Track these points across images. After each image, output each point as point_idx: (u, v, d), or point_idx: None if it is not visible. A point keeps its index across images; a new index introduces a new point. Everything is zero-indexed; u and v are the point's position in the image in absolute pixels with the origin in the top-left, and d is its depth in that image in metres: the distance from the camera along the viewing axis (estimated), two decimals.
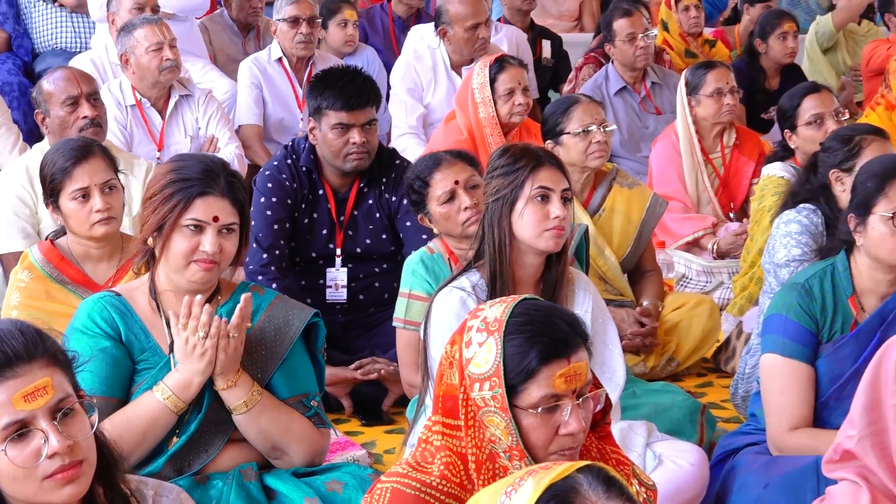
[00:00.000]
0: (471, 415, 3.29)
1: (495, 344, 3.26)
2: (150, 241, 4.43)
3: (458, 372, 3.30)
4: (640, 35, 9.23)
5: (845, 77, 11.28)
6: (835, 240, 4.98)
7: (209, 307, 4.31)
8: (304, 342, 4.61)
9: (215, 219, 4.36)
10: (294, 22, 8.97)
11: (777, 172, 7.00)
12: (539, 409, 3.24)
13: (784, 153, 7.14)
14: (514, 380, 3.24)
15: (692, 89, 8.03)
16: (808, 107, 7.04)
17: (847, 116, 7.22)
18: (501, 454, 3.29)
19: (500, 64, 7.52)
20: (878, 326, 4.71)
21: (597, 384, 3.43)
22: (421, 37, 9.22)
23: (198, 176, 4.38)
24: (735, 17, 12.28)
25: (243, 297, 4.36)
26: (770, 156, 7.31)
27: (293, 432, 4.47)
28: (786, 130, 7.12)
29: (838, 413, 4.52)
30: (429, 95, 8.84)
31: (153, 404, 4.34)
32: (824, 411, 4.74)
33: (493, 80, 7.46)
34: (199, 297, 4.31)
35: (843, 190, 5.71)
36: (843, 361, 4.72)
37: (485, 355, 3.26)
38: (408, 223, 6.38)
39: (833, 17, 11.42)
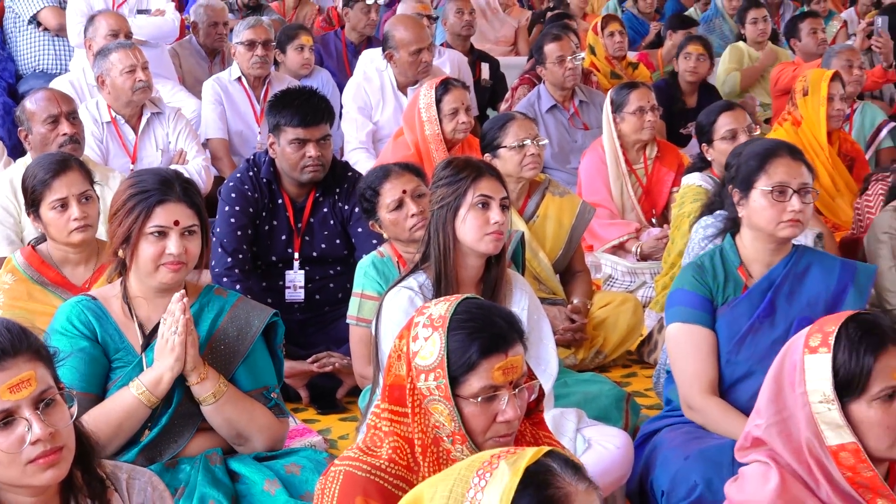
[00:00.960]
0: (417, 403, 3.30)
1: (440, 338, 3.29)
2: (120, 252, 4.42)
3: (406, 364, 3.31)
4: (569, 58, 9.24)
5: (749, 94, 11.32)
6: (726, 218, 5.05)
7: (186, 304, 4.29)
8: (265, 339, 4.60)
9: (176, 223, 4.36)
10: (250, 45, 8.96)
11: (695, 182, 7.04)
12: (479, 399, 3.27)
13: (702, 164, 7.18)
14: (457, 371, 3.26)
15: (617, 107, 8.03)
16: (723, 123, 7.08)
17: (758, 132, 7.28)
18: (445, 438, 3.30)
19: (445, 86, 7.51)
20: (767, 289, 4.83)
21: (531, 376, 3.44)
22: (370, 60, 9.20)
23: (155, 186, 4.38)
24: (658, 42, 12.30)
25: (175, 295, 4.33)
26: (689, 167, 7.34)
27: (256, 421, 4.47)
28: (703, 144, 7.15)
29: (740, 369, 4.67)
30: (378, 113, 8.82)
31: (129, 399, 4.32)
32: (727, 368, 4.79)
33: (438, 101, 7.44)
34: (179, 293, 4.30)
35: None
36: (738, 320, 4.80)
37: (430, 349, 3.28)
38: (360, 229, 6.38)
39: (740, 79, 11.43)
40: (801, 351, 3.49)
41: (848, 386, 3.42)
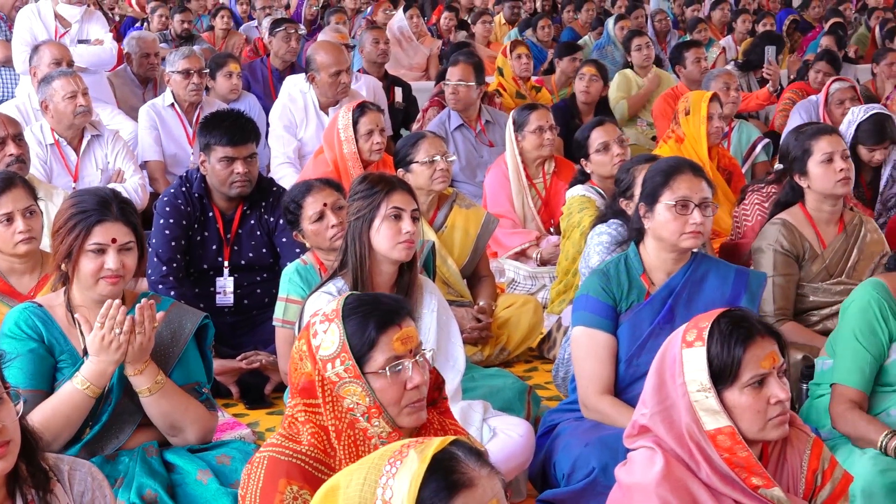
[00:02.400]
0: (327, 392, 3.32)
1: (337, 327, 3.33)
2: (62, 266, 4.41)
3: (311, 360, 3.34)
4: (456, 83, 9.25)
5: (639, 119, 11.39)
6: (630, 229, 5.08)
7: (124, 308, 4.27)
8: (196, 340, 4.60)
9: (114, 240, 4.37)
10: (186, 73, 8.91)
11: (579, 193, 7.09)
12: (387, 370, 3.30)
13: (583, 177, 7.23)
14: (360, 351, 3.31)
15: (518, 126, 8.05)
16: (596, 137, 7.16)
17: (629, 142, 7.34)
18: (360, 418, 3.32)
19: (361, 109, 7.50)
20: (667, 296, 4.85)
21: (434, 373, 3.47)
22: (294, 84, 9.17)
23: (94, 207, 4.39)
24: (552, 69, 12.37)
25: (144, 301, 4.32)
26: (573, 180, 7.38)
27: (189, 413, 4.45)
28: (581, 159, 7.20)
29: (640, 370, 4.61)
30: (301, 131, 8.81)
31: (74, 392, 4.29)
32: (629, 370, 4.81)
33: (355, 122, 7.43)
34: (117, 301, 4.28)
35: (630, 210, 5.82)
36: (640, 325, 4.82)
37: (331, 339, 3.32)
38: (284, 239, 6.37)
39: (627, 106, 11.47)
40: (680, 345, 3.55)
41: (722, 375, 3.48)
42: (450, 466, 2.49)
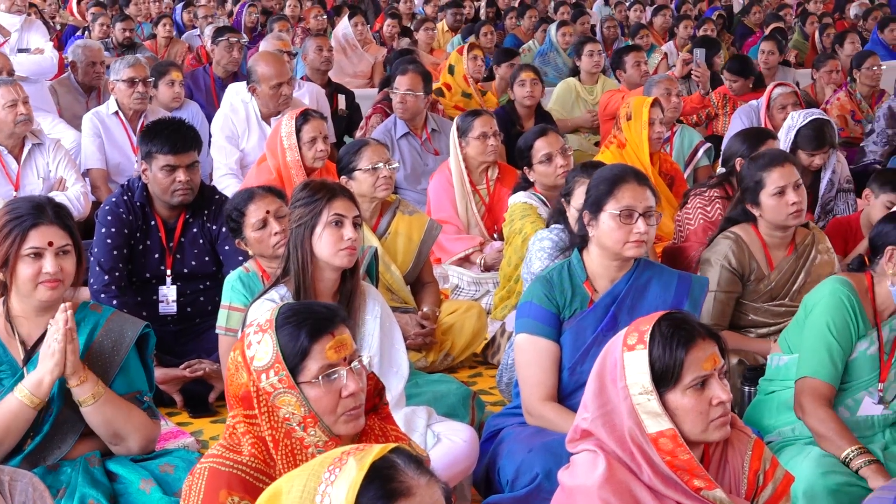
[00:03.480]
0: (263, 402, 3.32)
1: (270, 338, 3.33)
2: (0, 274, 4.37)
3: (246, 370, 3.34)
4: (405, 91, 9.24)
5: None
6: (574, 236, 5.09)
7: (71, 315, 4.24)
8: (138, 349, 4.57)
9: (50, 243, 4.35)
10: (131, 82, 8.84)
11: (522, 200, 7.10)
12: (320, 379, 3.31)
13: (526, 184, 7.23)
14: (293, 361, 3.31)
15: (462, 133, 8.06)
16: (540, 147, 7.15)
17: (572, 152, 7.36)
18: (297, 427, 3.32)
19: (305, 116, 7.47)
20: (610, 303, 4.86)
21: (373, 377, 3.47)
22: (236, 93, 9.15)
23: (28, 211, 4.37)
24: (492, 75, 12.39)
25: (62, 306, 4.27)
26: (515, 187, 7.38)
27: (131, 421, 4.43)
28: (524, 167, 7.21)
29: (584, 377, 4.52)
30: (244, 141, 8.76)
31: (14, 402, 4.28)
32: (573, 377, 4.81)
33: (298, 130, 7.40)
34: (64, 304, 4.25)
35: (570, 214, 5.85)
36: (584, 332, 4.83)
37: (264, 349, 3.32)
38: (227, 247, 6.35)
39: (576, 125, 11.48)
40: (621, 349, 3.55)
41: (664, 377, 3.48)
42: (388, 474, 2.49)
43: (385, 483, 2.47)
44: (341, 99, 10.78)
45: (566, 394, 4.84)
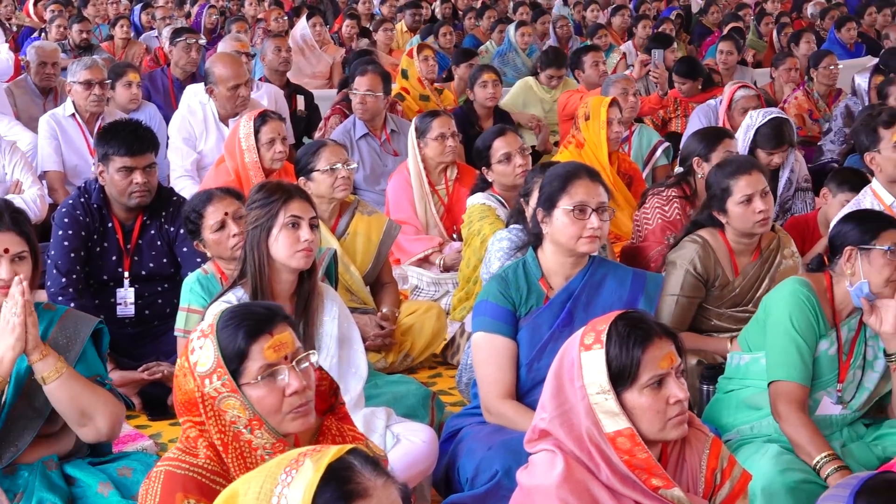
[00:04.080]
0: (209, 407, 3.33)
1: (212, 343, 3.34)
2: None
3: (191, 376, 3.35)
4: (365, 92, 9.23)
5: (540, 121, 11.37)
6: (528, 234, 5.10)
7: (27, 287, 4.19)
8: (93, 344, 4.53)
9: (6, 250, 4.33)
10: (87, 84, 8.79)
11: (480, 201, 7.10)
12: (260, 379, 3.32)
13: (484, 185, 7.24)
14: (234, 364, 3.33)
15: (420, 133, 8.05)
16: (498, 147, 7.16)
17: (530, 151, 7.37)
18: (243, 430, 3.33)
19: (263, 118, 7.47)
20: (566, 300, 4.89)
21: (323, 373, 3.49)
22: (194, 94, 9.12)
23: None
24: (451, 76, 12.40)
25: (15, 280, 4.21)
26: (473, 188, 7.38)
27: (99, 398, 4.34)
28: (483, 167, 7.21)
29: (541, 373, 4.56)
30: (201, 143, 8.74)
31: None
32: (530, 374, 4.83)
33: (256, 131, 7.40)
34: (18, 277, 4.20)
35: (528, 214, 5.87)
36: (540, 329, 4.86)
37: (206, 354, 3.34)
38: (185, 249, 6.33)
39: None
40: (578, 349, 3.56)
41: (621, 377, 3.49)
42: (345, 476, 2.49)
43: (342, 484, 2.48)
44: (300, 100, 10.76)
45: (524, 391, 4.86)
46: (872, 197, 6.30)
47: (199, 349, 3.36)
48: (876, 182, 6.32)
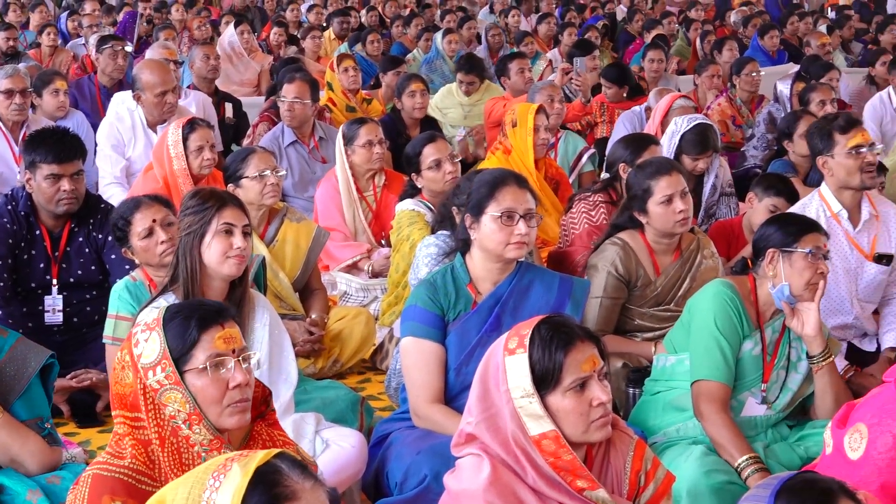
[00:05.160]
0: (149, 400, 3.34)
1: (158, 335, 3.36)
2: None
3: (132, 369, 3.36)
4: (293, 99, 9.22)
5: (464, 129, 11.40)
6: (456, 239, 5.12)
7: None
8: (40, 376, 4.54)
9: None
10: (9, 93, 8.71)
11: (409, 207, 7.10)
12: (207, 367, 3.35)
13: (413, 191, 7.24)
14: (182, 352, 3.36)
15: (348, 141, 8.05)
16: (428, 153, 7.14)
17: (459, 158, 7.39)
18: (182, 425, 3.34)
19: (191, 125, 7.44)
20: (494, 305, 4.91)
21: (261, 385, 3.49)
22: (122, 101, 9.05)
23: None
24: (379, 83, 12.41)
25: None
26: (402, 194, 7.38)
27: (27, 447, 4.40)
28: (412, 173, 7.22)
29: (469, 378, 4.57)
30: (130, 150, 8.69)
31: None
32: (458, 378, 4.85)
33: (185, 139, 7.37)
34: None
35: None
36: (468, 333, 4.88)
37: (151, 346, 3.35)
38: (113, 256, 6.30)
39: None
40: (502, 353, 3.59)
41: (544, 380, 3.52)
42: (273, 479, 2.51)
43: (270, 488, 2.49)
44: (228, 107, 10.74)
45: (453, 395, 4.88)
46: (820, 202, 6.32)
47: (143, 342, 3.37)
48: (825, 187, 6.32)
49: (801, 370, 5.02)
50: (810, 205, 6.33)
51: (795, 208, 6.35)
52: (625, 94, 11.44)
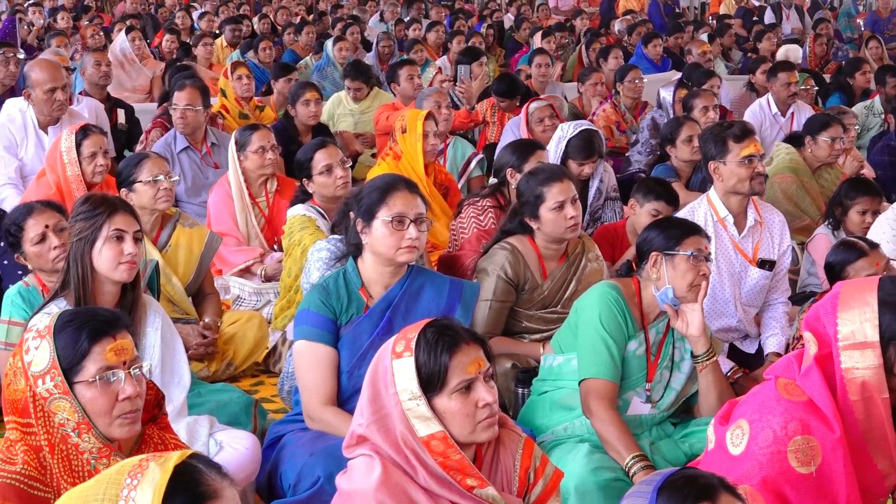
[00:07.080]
0: (39, 408, 3.32)
1: (48, 343, 3.35)
2: None
3: (23, 376, 3.33)
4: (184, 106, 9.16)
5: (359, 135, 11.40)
6: (348, 244, 5.12)
7: None
8: None
9: None
10: None
11: (300, 212, 7.08)
12: (97, 380, 3.32)
13: (304, 196, 7.22)
14: (72, 362, 3.34)
15: (241, 147, 8.01)
16: (319, 159, 7.12)
17: (351, 164, 7.39)
18: (71, 433, 3.33)
19: (84, 131, 7.37)
20: (385, 309, 4.92)
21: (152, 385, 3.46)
22: (14, 104, 8.96)
23: None
24: (271, 90, 12.37)
25: None
26: (293, 199, 7.36)
27: None
28: (304, 179, 7.19)
29: (361, 381, 4.58)
30: (22, 151, 8.61)
31: None
32: (351, 381, 4.84)
33: (78, 145, 7.30)
34: None
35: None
36: (360, 337, 4.88)
37: (42, 355, 3.33)
38: (5, 262, 6.25)
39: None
40: (390, 357, 3.60)
41: (431, 382, 3.54)
42: (194, 479, 2.52)
43: (193, 487, 2.50)
44: (121, 113, 10.65)
45: (345, 398, 4.87)
46: (707, 206, 6.36)
47: (34, 349, 3.35)
48: (713, 192, 6.35)
49: (684, 370, 5.08)
50: (698, 209, 6.39)
51: (684, 212, 6.41)
52: (518, 103, 11.47)
